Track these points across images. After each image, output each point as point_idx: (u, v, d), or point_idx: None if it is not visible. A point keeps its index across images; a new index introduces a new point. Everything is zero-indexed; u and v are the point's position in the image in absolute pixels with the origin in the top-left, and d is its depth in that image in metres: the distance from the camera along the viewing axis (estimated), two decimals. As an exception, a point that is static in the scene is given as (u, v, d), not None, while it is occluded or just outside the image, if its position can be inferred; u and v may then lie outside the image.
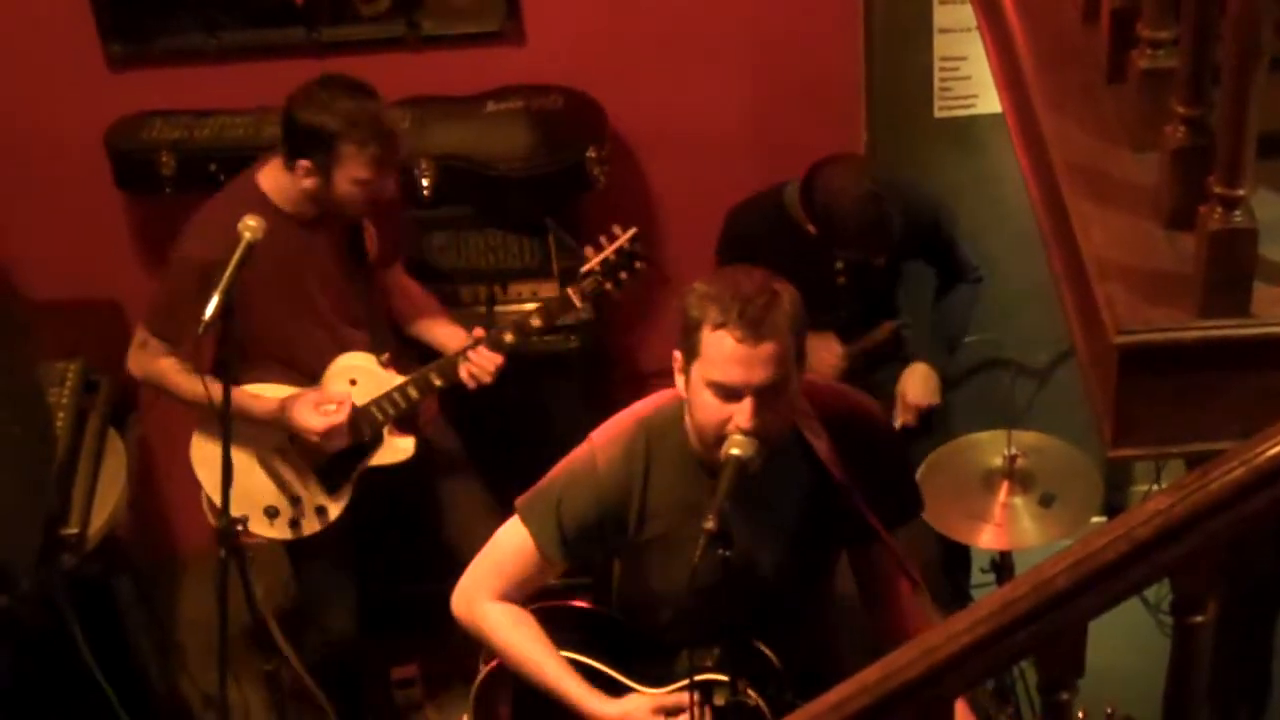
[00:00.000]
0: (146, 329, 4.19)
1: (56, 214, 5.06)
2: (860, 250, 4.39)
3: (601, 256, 4.05)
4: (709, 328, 2.98)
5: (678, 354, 3.10)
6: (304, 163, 3.97)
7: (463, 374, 4.16)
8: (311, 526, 4.31)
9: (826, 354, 4.55)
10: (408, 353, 4.39)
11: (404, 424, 4.27)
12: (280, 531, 4.28)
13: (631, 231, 4.07)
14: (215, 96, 4.89)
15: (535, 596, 3.45)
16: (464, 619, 3.39)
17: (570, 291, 4.09)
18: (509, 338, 4.16)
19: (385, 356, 4.23)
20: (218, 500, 4.15)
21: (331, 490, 4.28)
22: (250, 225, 3.68)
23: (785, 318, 2.98)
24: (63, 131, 4.93)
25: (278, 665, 3.97)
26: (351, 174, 3.95)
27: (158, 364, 4.16)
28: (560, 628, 3.40)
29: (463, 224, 4.81)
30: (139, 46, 4.92)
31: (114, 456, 4.37)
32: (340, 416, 4.14)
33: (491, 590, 3.35)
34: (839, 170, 4.36)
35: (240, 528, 3.74)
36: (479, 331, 4.23)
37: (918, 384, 4.58)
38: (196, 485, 4.27)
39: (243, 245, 3.66)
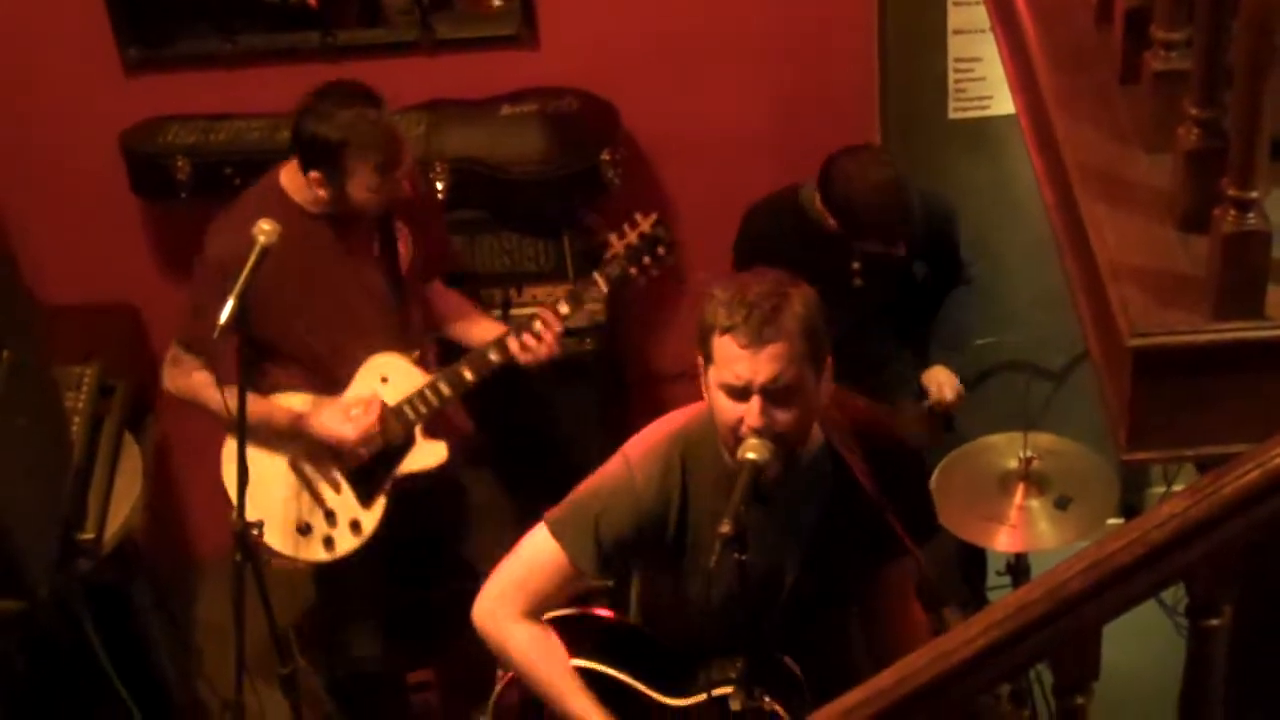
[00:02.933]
0: (178, 342, 4.17)
1: (72, 218, 5.08)
2: (881, 236, 4.34)
3: (625, 241, 4.09)
4: (718, 332, 2.99)
5: (700, 359, 3.11)
6: (314, 174, 3.96)
7: (513, 346, 4.11)
8: (347, 545, 4.24)
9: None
10: (448, 357, 4.34)
11: (435, 430, 4.23)
12: (313, 552, 4.23)
13: (653, 216, 4.11)
14: (231, 101, 4.90)
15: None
16: (488, 634, 3.34)
17: (597, 275, 4.12)
18: (564, 308, 4.16)
19: (416, 354, 4.20)
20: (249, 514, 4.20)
21: (365, 499, 4.23)
22: (264, 229, 3.68)
23: (795, 319, 2.98)
24: (79, 135, 4.95)
25: (294, 669, 3.98)
26: (361, 183, 3.95)
27: (190, 380, 4.13)
28: (579, 635, 3.38)
29: (478, 227, 4.81)
30: (155, 51, 4.94)
31: (130, 461, 4.38)
32: (369, 418, 4.11)
33: (517, 606, 3.30)
34: (857, 157, 4.34)
35: (256, 531, 3.74)
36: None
37: (943, 377, 4.58)
38: (213, 489, 4.26)
39: (257, 249, 3.66)
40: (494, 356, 4.13)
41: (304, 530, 4.21)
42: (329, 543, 4.24)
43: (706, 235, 4.85)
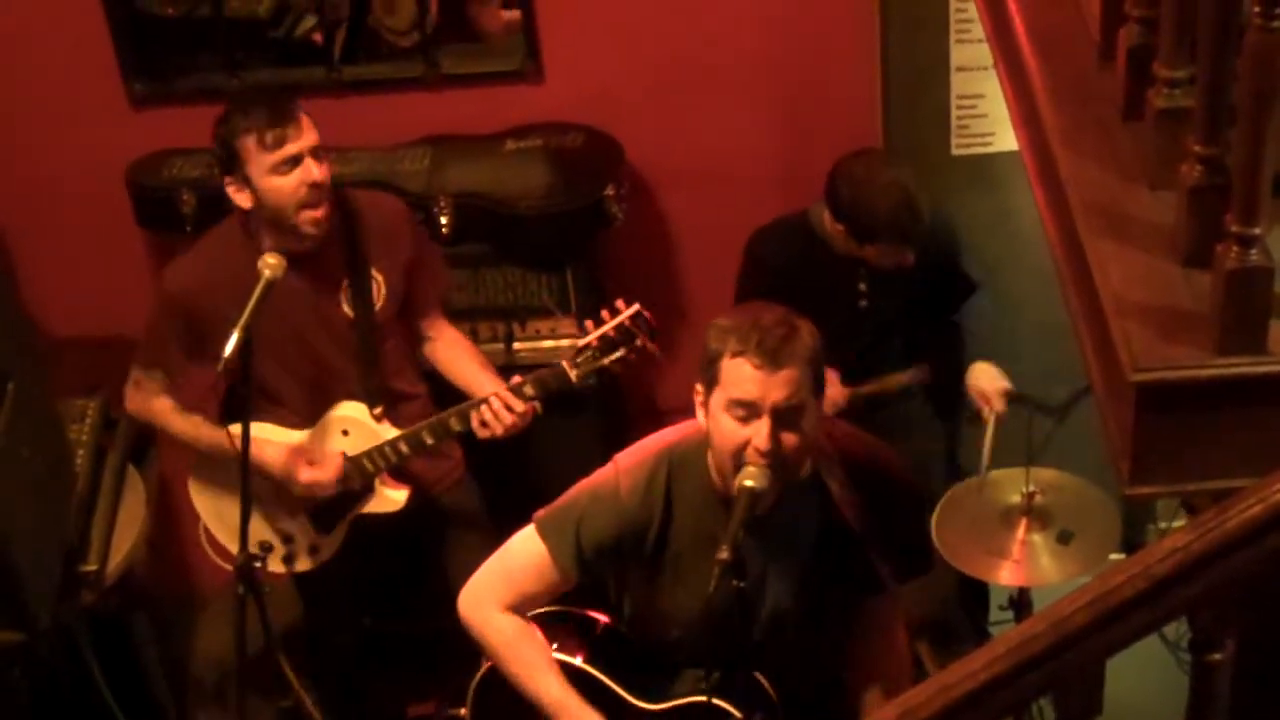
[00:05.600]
0: (137, 365, 4.20)
1: (77, 251, 5.09)
2: (891, 239, 4.30)
3: (600, 332, 3.83)
4: (728, 356, 3.04)
5: (699, 386, 3.15)
6: (229, 183, 3.92)
7: (473, 421, 4.04)
8: (304, 564, 4.32)
9: (829, 389, 4.53)
10: (445, 401, 4.31)
11: (400, 476, 4.23)
12: (275, 566, 4.26)
13: (634, 309, 3.83)
14: (236, 135, 4.91)
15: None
16: (470, 623, 3.43)
17: (565, 364, 3.90)
18: (529, 390, 4.00)
19: (379, 410, 4.17)
20: (215, 532, 4.22)
21: (323, 530, 4.29)
22: (270, 263, 3.70)
23: (804, 348, 3.04)
24: (84, 169, 4.97)
25: (294, 702, 3.97)
26: (260, 162, 3.85)
27: (151, 405, 4.19)
28: (564, 633, 3.47)
29: (481, 261, 4.82)
30: (161, 85, 4.96)
31: (133, 493, 4.38)
32: (323, 475, 4.11)
33: (500, 600, 3.40)
34: (863, 161, 4.34)
35: (259, 564, 3.75)
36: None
37: (984, 376, 4.58)
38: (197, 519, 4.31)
39: (263, 283, 3.67)
40: (455, 425, 4.07)
41: (265, 548, 4.15)
42: (288, 560, 4.31)
43: (709, 267, 4.87)
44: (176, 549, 5.38)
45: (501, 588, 3.40)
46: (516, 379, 4.06)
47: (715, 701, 3.23)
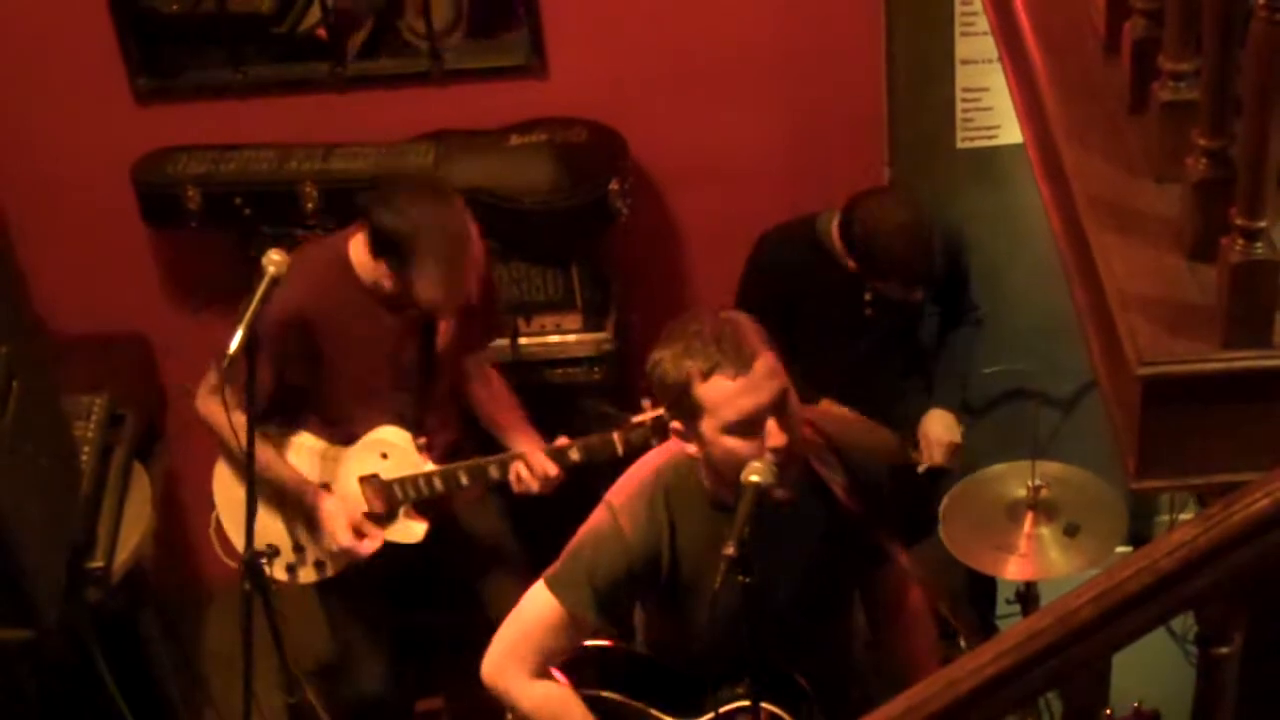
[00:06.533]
0: (217, 370, 4.14)
1: (83, 248, 5.09)
2: (900, 282, 4.34)
3: (657, 412, 3.83)
4: (699, 380, 2.98)
5: (675, 423, 3.10)
6: (383, 264, 3.94)
7: (510, 474, 4.09)
8: (308, 576, 4.32)
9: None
10: (478, 439, 4.35)
11: (424, 507, 4.23)
12: (277, 572, 4.26)
13: None
14: (241, 131, 4.92)
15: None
16: (498, 693, 3.37)
17: (615, 437, 3.97)
18: (574, 455, 4.04)
19: (423, 440, 4.19)
20: (226, 525, 4.22)
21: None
22: (274, 259, 3.69)
23: (754, 333, 3.00)
24: (89, 166, 4.97)
25: (301, 699, 3.98)
26: (427, 282, 3.90)
27: (222, 416, 4.05)
28: (586, 666, 3.41)
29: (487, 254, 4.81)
30: (166, 81, 4.96)
31: (139, 490, 4.38)
32: (366, 550, 4.14)
33: (524, 663, 3.33)
34: (881, 201, 4.34)
35: (265, 560, 3.75)
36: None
37: (938, 423, 4.58)
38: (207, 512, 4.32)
39: (266, 280, 3.66)
40: (494, 473, 4.12)
41: (271, 552, 4.19)
42: (290, 569, 4.31)
43: (713, 265, 4.86)
44: (183, 546, 5.39)
45: (523, 650, 3.32)
46: (563, 440, 4.09)
47: (766, 706, 3.19)
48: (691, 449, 3.11)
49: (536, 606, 3.32)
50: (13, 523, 3.51)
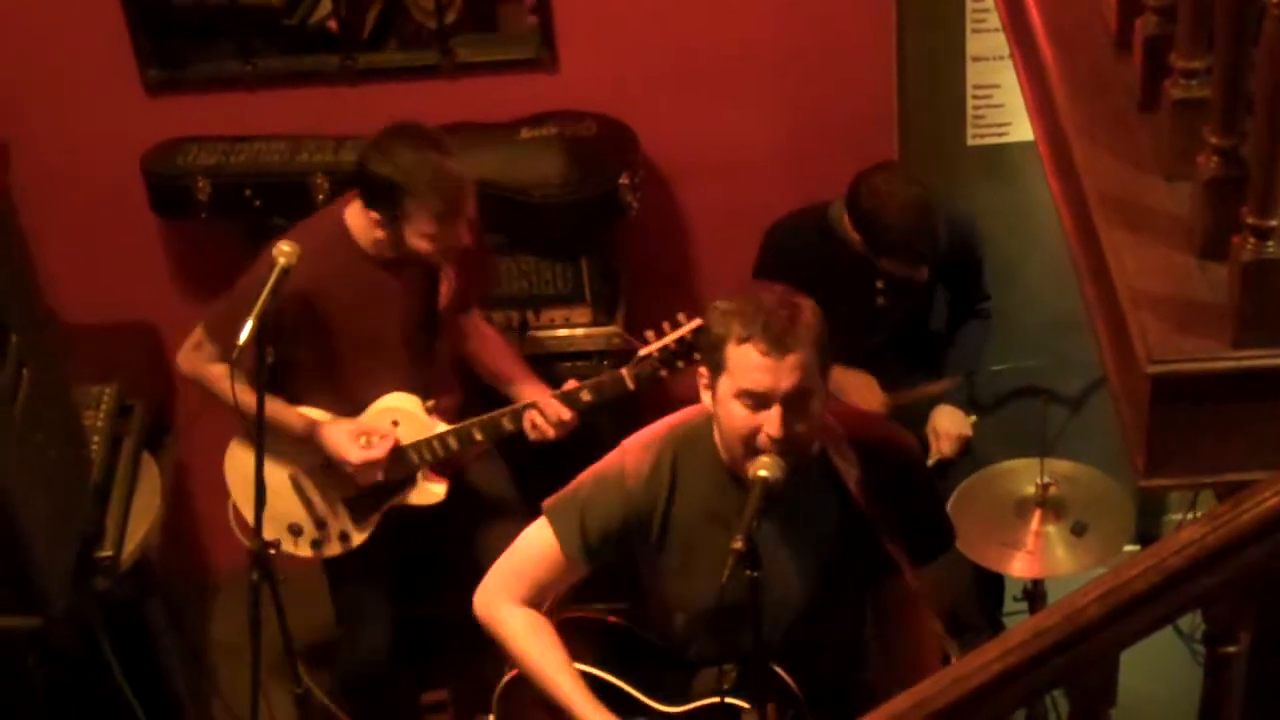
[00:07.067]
0: (205, 331, 4.18)
1: (93, 238, 5.10)
2: (905, 256, 4.35)
3: (662, 343, 3.93)
4: (734, 342, 3.02)
5: (703, 370, 3.14)
6: (374, 214, 3.97)
7: (525, 422, 4.12)
8: (333, 550, 4.34)
9: (869, 398, 4.52)
10: (481, 398, 4.37)
11: (441, 467, 4.27)
12: (302, 550, 4.31)
13: (696, 322, 3.88)
14: (251, 122, 4.92)
15: (566, 605, 3.48)
16: (484, 619, 3.41)
17: (625, 373, 4.00)
18: (586, 396, 4.09)
19: (431, 403, 4.22)
20: (243, 509, 4.23)
21: (358, 520, 4.30)
22: (285, 250, 3.71)
23: (807, 329, 3.02)
24: (99, 156, 4.97)
25: (308, 689, 3.98)
26: (418, 228, 3.93)
27: (208, 368, 4.15)
28: (582, 640, 3.43)
29: (496, 249, 4.81)
30: (176, 73, 4.96)
31: (148, 480, 4.39)
32: (378, 453, 4.15)
33: (513, 593, 3.38)
34: (886, 175, 4.35)
35: (273, 550, 3.76)
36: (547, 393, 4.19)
37: (947, 418, 4.58)
38: (227, 500, 4.31)
39: (277, 270, 3.68)
40: (507, 425, 4.15)
41: (295, 531, 4.27)
42: (316, 545, 4.32)
43: (723, 257, 4.86)
44: (191, 536, 5.40)
45: (514, 580, 3.39)
46: (571, 383, 4.13)
47: (730, 701, 3.21)
48: (706, 399, 3.15)
49: (532, 536, 3.38)
50: (22, 512, 3.51)
